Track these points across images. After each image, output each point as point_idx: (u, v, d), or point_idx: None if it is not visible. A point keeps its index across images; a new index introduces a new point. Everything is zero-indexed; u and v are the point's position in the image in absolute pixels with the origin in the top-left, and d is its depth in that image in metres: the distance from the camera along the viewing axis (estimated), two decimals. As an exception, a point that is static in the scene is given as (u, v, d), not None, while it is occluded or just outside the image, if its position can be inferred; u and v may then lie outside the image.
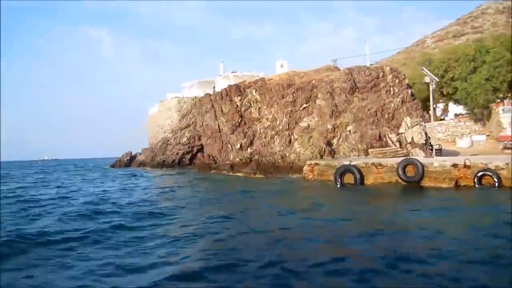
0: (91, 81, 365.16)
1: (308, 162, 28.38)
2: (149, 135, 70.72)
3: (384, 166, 23.33)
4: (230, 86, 44.19)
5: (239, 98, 42.83)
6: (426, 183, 21.59)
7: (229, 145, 42.93)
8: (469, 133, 46.83)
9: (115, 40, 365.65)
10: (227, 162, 42.19)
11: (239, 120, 42.32)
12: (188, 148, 55.42)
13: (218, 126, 43.90)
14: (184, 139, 55.49)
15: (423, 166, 21.66)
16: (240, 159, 41.24)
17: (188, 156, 55.39)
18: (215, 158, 44.00)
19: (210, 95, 46.46)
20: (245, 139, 41.83)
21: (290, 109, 39.00)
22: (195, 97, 60.80)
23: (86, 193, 24.05)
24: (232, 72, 60.87)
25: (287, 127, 38.93)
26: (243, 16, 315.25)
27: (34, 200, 20.81)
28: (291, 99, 39.01)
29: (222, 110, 43.54)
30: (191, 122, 56.04)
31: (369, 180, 23.68)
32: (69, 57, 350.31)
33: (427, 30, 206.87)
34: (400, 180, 22.24)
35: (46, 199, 21.22)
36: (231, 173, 37.96)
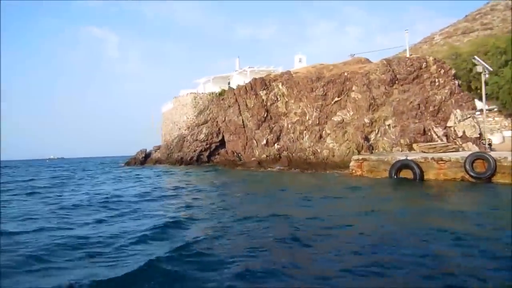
0: (95, 80, 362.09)
1: (355, 157, 26.08)
2: (163, 132, 68.38)
3: (446, 161, 21.06)
4: (255, 79, 41.90)
5: (264, 92, 40.58)
6: (498, 179, 19.34)
7: (254, 141, 40.69)
8: (498, 129, 44.63)
9: (119, 39, 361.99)
10: (253, 159, 39.97)
11: (265, 115, 40.08)
12: (206, 144, 53.11)
13: (242, 121, 41.64)
14: (202, 136, 53.17)
15: (495, 160, 19.41)
16: (267, 156, 39.00)
17: (206, 153, 53.11)
18: (239, 154, 41.72)
19: (233, 89, 44.16)
20: (271, 135, 39.60)
21: (320, 103, 36.74)
22: (211, 93, 58.55)
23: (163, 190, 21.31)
24: (249, 67, 58.53)
25: (317, 122, 36.69)
26: (246, 16, 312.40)
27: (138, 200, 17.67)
28: (322, 92, 36.73)
29: (246, 105, 41.28)
30: (208, 118, 53.74)
31: (429, 176, 21.43)
32: (73, 56, 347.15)
33: (431, 29, 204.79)
34: (467, 177, 19.98)
35: (134, 195, 18.94)
36: (261, 170, 35.61)
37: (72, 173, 47.02)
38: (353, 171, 25.33)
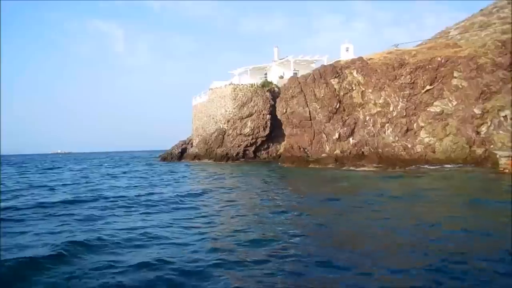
0: (101, 74, 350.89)
1: (503, 153, 20.74)
2: (194, 126, 62.54)
3: None
4: (324, 66, 36.32)
5: (336, 80, 35.00)
6: None
7: (324, 135, 35.17)
8: None
9: (125, 33, 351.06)
10: (323, 155, 34.49)
11: (337, 106, 34.55)
12: (252, 139, 47.52)
13: (309, 113, 36.06)
14: (247, 130, 47.55)
15: None
16: (341, 151, 33.53)
17: (252, 148, 47.55)
18: (305, 150, 36.15)
19: (298, 78, 38.52)
20: (344, 128, 34.11)
21: (407, 92, 31.30)
22: (252, 84, 52.85)
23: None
24: (293, 57, 52.86)
25: (404, 114, 31.29)
26: (253, 9, 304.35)
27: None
28: (409, 80, 31.30)
29: (315, 95, 35.68)
30: (253, 111, 48.07)
31: None
32: (79, 50, 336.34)
33: (440, 23, 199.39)
34: None
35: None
36: (344, 168, 30.11)
37: (123, 170, 40.68)
38: (504, 169, 20.00)
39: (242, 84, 52.93)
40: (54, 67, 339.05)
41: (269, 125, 46.86)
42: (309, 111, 35.93)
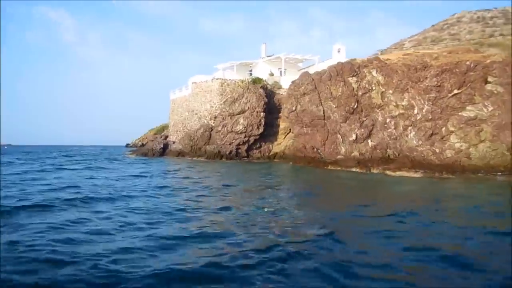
0: (50, 64, 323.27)
1: None
2: (172, 121, 57.62)
3: None
4: (342, 63, 33.59)
5: (355, 79, 32.47)
6: None
7: (339, 136, 32.51)
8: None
9: (76, 23, 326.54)
10: (339, 157, 31.82)
11: (355, 106, 32.04)
12: (245, 137, 43.89)
13: (323, 112, 33.24)
14: (240, 127, 43.82)
15: None
16: (360, 153, 31.04)
17: (245, 147, 43.90)
18: (318, 150, 33.25)
19: (310, 74, 35.50)
20: (362, 129, 31.68)
21: (433, 95, 29.41)
22: (244, 79, 49.23)
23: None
24: (284, 54, 49.87)
25: (429, 117, 29.37)
26: (212, 10, 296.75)
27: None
28: (435, 83, 29.42)
29: (331, 93, 32.92)
30: (246, 108, 44.46)
31: None
32: (27, 37, 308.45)
33: (391, 35, 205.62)
34: None
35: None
36: (369, 172, 27.54)
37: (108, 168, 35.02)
38: None
39: (230, 79, 49.17)
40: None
41: (263, 123, 43.52)
42: (323, 110, 33.11)
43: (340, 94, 32.22)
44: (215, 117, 47.27)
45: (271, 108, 45.15)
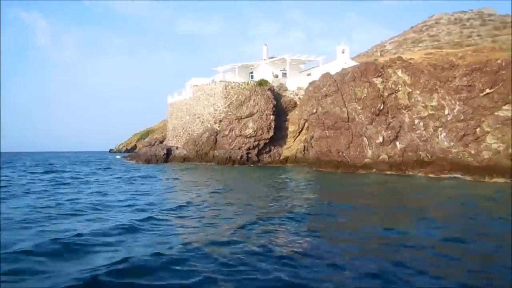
0: (23, 67, 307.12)
1: None
2: (170, 125, 54.83)
3: None
4: (366, 64, 32.01)
5: (380, 79, 30.97)
6: None
7: (364, 139, 30.92)
8: None
9: (50, 25, 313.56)
10: (366, 160, 30.23)
11: (381, 107, 30.53)
12: (255, 141, 41.79)
13: (347, 114, 31.58)
14: (249, 131, 41.69)
15: None
16: (389, 156, 29.53)
17: (255, 151, 41.78)
18: (343, 154, 31.53)
19: (332, 75, 33.75)
20: (389, 131, 30.19)
21: (464, 95, 28.22)
22: (249, 82, 47.19)
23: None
24: (289, 55, 48.04)
25: (460, 118, 28.14)
26: (190, 11, 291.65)
27: None
28: (465, 83, 28.24)
29: (356, 94, 31.29)
30: (255, 111, 42.40)
31: None
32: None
33: (368, 37, 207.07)
34: None
35: None
36: (417, 174, 25.95)
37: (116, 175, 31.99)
38: None
39: (233, 82, 47.06)
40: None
41: (273, 126, 41.53)
42: (347, 112, 31.44)
43: (365, 95, 30.63)
44: (220, 121, 45.04)
45: (278, 111, 43.24)
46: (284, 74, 50.46)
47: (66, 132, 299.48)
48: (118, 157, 61.98)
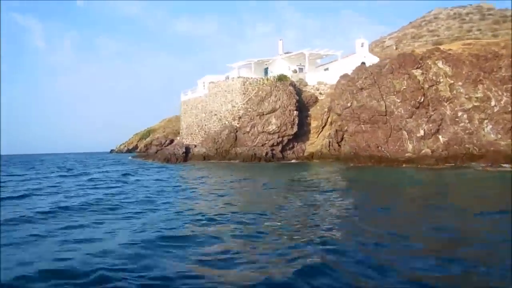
0: (19, 71, 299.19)
1: None
2: (184, 124, 52.85)
3: None
4: (404, 55, 30.46)
5: (419, 71, 29.46)
6: None
7: (404, 132, 29.41)
8: None
9: (45, 28, 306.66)
10: (407, 154, 28.72)
11: (421, 100, 29.03)
12: (278, 137, 40.09)
13: (385, 107, 30.04)
14: (272, 127, 39.96)
15: None
16: (432, 150, 28.06)
17: (279, 148, 40.09)
18: (382, 148, 29.98)
19: (367, 67, 32.16)
20: (430, 124, 28.71)
21: (510, 85, 26.89)
22: (268, 77, 45.48)
23: None
24: (308, 50, 46.36)
25: (508, 109, 26.78)
26: (185, 12, 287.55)
27: None
28: (510, 73, 26.91)
29: (394, 87, 29.75)
30: (277, 106, 40.67)
31: None
32: None
33: (366, 35, 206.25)
34: None
35: None
36: (476, 168, 24.35)
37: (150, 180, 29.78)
38: None
39: (251, 78, 45.30)
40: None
41: (296, 121, 39.87)
42: (385, 105, 29.90)
43: (404, 87, 29.10)
44: (239, 118, 43.24)
45: (300, 106, 41.53)
46: (301, 69, 48.84)
47: (62, 133, 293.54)
48: (130, 157, 59.73)
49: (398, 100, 29.34)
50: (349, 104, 31.50)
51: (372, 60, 43.65)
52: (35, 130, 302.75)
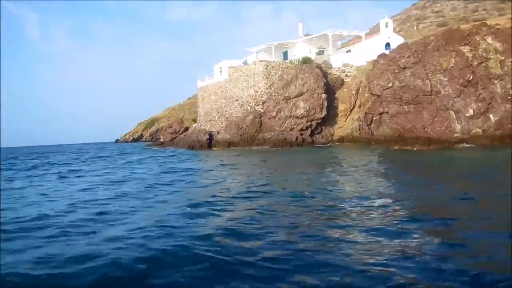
0: (12, 62, 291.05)
1: None
2: (201, 110, 50.91)
3: None
4: (450, 31, 28.68)
5: (468, 48, 27.73)
6: None
7: (451, 112, 27.81)
8: None
9: (39, 16, 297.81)
10: (456, 134, 27.18)
11: (470, 78, 27.37)
12: (307, 122, 38.40)
13: (431, 87, 28.36)
14: (301, 111, 38.23)
15: None
16: (483, 130, 26.53)
17: (308, 132, 38.44)
18: (427, 129, 28.39)
19: (409, 45, 30.37)
20: (479, 103, 27.11)
21: None
22: (292, 61, 43.56)
23: None
24: (331, 31, 44.37)
25: None
26: None
27: None
28: None
29: (441, 64, 28.04)
30: (304, 90, 38.86)
31: None
32: None
33: (364, 17, 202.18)
34: None
35: None
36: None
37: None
38: None
39: (274, 61, 43.36)
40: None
41: (325, 105, 38.18)
42: (431, 84, 28.22)
43: (452, 65, 27.39)
44: (263, 102, 41.39)
45: (327, 89, 39.81)
46: (321, 52, 46.96)
47: (64, 124, 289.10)
48: (144, 146, 57.81)
49: (445, 79, 27.65)
50: (390, 85, 29.78)
51: (396, 40, 41.88)
52: (31, 122, 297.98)
